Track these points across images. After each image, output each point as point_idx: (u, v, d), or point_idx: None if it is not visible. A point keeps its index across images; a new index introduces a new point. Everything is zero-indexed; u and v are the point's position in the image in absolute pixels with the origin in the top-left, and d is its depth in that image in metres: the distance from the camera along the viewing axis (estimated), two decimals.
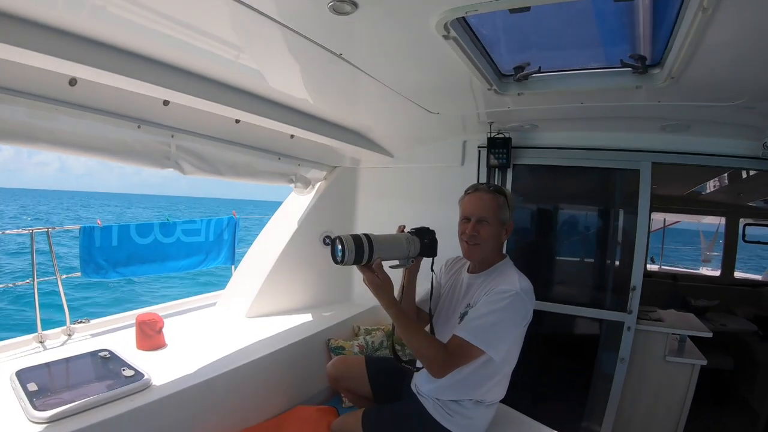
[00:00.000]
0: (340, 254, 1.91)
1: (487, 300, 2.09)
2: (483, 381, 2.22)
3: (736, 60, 2.05)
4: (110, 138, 2.46)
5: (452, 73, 2.39)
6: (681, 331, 3.80)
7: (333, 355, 3.51)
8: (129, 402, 2.21)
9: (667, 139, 3.50)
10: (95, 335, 3.24)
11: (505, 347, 2.07)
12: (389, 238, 2.12)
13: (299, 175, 3.92)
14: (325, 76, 2.54)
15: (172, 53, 2.10)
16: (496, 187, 2.31)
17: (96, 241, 3.70)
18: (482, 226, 2.21)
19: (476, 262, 2.33)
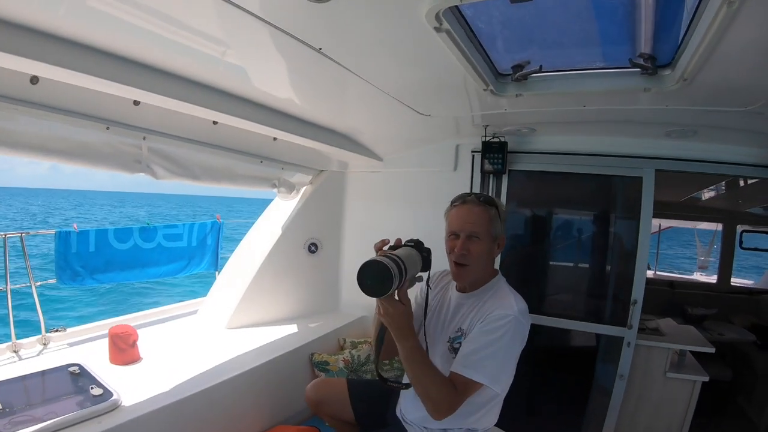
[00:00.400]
0: (388, 288, 1.62)
1: (484, 329, 1.89)
2: (476, 409, 2.04)
3: (759, 62, 1.87)
4: (76, 140, 2.30)
5: (445, 71, 2.22)
6: (683, 347, 3.67)
7: (316, 370, 3.37)
8: (96, 424, 2.07)
9: (671, 146, 3.34)
10: (73, 344, 3.12)
11: (509, 378, 1.91)
12: (410, 257, 1.83)
13: (283, 180, 3.76)
14: (306, 74, 2.38)
15: (142, 50, 1.93)
16: (487, 198, 2.10)
17: (72, 247, 3.60)
18: (473, 243, 1.99)
19: (467, 282, 2.12)
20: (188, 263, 4.55)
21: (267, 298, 3.91)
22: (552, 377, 4.28)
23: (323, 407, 2.56)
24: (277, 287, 3.97)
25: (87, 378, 2.48)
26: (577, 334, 3.90)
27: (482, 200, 2.06)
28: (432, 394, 1.80)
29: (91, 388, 2.32)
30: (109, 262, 3.87)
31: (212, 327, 3.69)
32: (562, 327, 3.72)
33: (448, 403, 1.79)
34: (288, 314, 4.02)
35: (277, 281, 3.95)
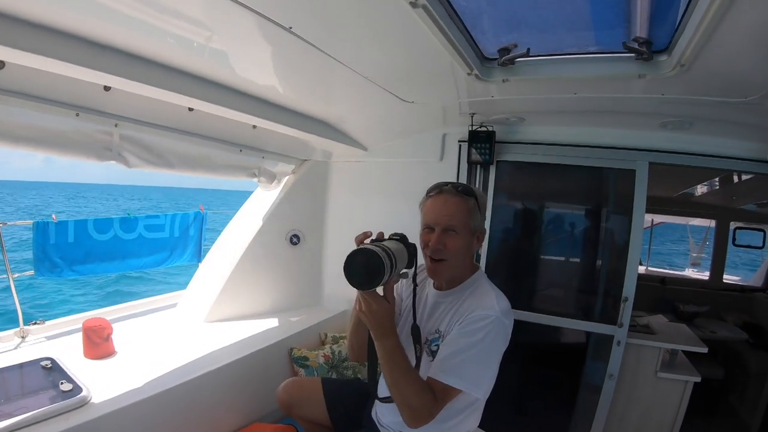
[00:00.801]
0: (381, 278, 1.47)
1: (463, 331, 1.75)
2: (455, 414, 1.90)
3: (760, 49, 1.76)
4: (43, 127, 2.20)
5: (426, 53, 2.10)
6: (675, 346, 3.58)
7: (296, 366, 3.26)
8: (63, 421, 1.98)
9: (666, 138, 3.23)
10: (50, 338, 3.03)
11: (490, 382, 1.77)
12: (397, 250, 1.67)
13: (263, 169, 3.64)
14: (282, 57, 2.28)
15: (111, 33, 1.83)
16: (465, 188, 1.91)
17: (51, 238, 3.50)
18: (449, 237, 1.83)
19: (445, 280, 1.97)
20: (170, 254, 4.47)
21: (247, 290, 3.81)
22: (540, 375, 4.21)
23: (295, 410, 2.43)
24: (258, 280, 3.87)
25: (58, 373, 2.39)
26: (567, 330, 3.81)
27: (460, 190, 1.88)
28: (411, 401, 1.66)
29: (61, 384, 2.23)
30: (89, 254, 3.77)
31: (190, 320, 3.59)
32: (551, 324, 3.63)
33: (427, 410, 1.66)
34: (268, 308, 3.92)
35: (257, 274, 3.85)
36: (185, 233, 4.55)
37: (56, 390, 2.19)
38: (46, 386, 2.25)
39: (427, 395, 1.65)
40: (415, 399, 1.65)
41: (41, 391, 2.19)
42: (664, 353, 3.55)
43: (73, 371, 2.39)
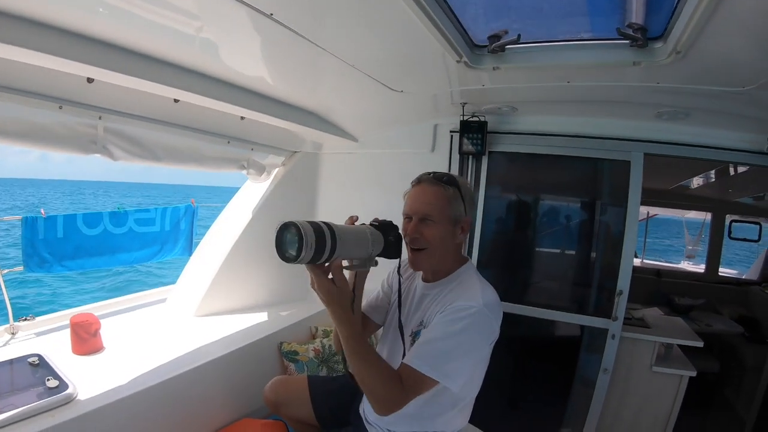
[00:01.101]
0: (295, 249, 1.39)
1: (442, 319, 1.69)
2: (442, 411, 1.87)
3: (757, 35, 1.72)
4: (26, 121, 2.16)
5: (412, 40, 2.05)
6: (671, 340, 3.53)
7: (285, 360, 3.22)
8: (49, 418, 1.95)
9: (662, 128, 3.18)
10: (40, 334, 2.99)
11: (466, 376, 1.69)
12: (354, 233, 1.65)
13: (252, 161, 3.59)
14: (263, 45, 2.21)
15: (93, 24, 1.79)
16: (446, 177, 1.87)
17: (39, 233, 3.45)
18: (426, 226, 1.80)
19: (426, 271, 1.95)
20: (161, 249, 4.43)
21: (237, 284, 3.76)
22: (534, 369, 4.19)
23: (282, 409, 2.41)
24: (248, 273, 3.83)
25: (45, 369, 2.35)
26: (561, 324, 3.75)
27: (438, 179, 1.86)
28: (375, 390, 1.59)
29: (47, 380, 2.18)
30: (78, 248, 3.73)
31: (180, 315, 3.55)
32: (544, 318, 3.58)
33: (394, 399, 1.59)
34: (258, 301, 3.88)
35: (247, 267, 3.80)
36: (176, 227, 4.51)
37: (43, 387, 2.15)
38: (33, 383, 2.21)
39: (393, 384, 1.59)
40: (379, 388, 1.59)
41: (28, 388, 2.15)
42: (660, 347, 3.51)
43: (60, 367, 2.35)
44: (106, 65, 1.91)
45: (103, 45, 1.90)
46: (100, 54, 1.88)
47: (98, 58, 1.87)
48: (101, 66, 1.89)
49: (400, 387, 1.58)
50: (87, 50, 1.83)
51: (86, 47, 1.83)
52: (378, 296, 2.16)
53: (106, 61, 1.91)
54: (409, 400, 1.61)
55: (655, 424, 3.49)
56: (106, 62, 1.91)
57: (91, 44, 1.85)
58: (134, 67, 2.03)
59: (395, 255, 1.81)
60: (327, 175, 4.27)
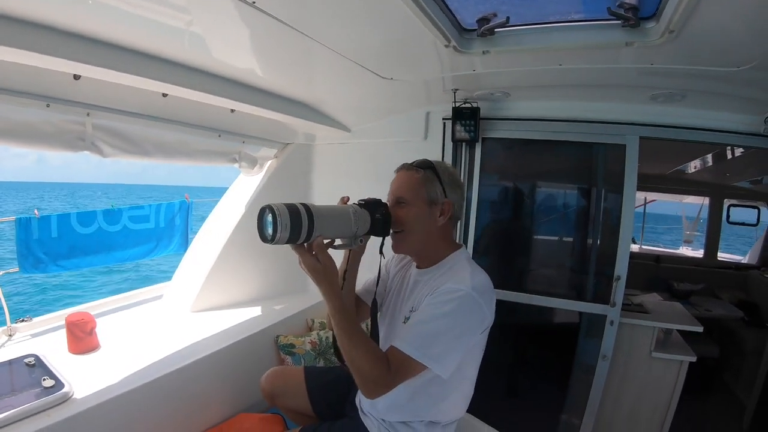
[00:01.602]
0: (271, 229, 1.46)
1: (430, 302, 1.70)
2: (436, 401, 1.87)
3: (753, 12, 1.68)
4: (12, 119, 2.16)
5: (399, 26, 2.02)
6: (669, 325, 3.52)
7: (282, 354, 3.22)
8: (45, 418, 1.95)
9: (657, 111, 3.14)
10: (36, 335, 2.98)
11: (455, 361, 1.66)
12: (333, 211, 1.69)
13: (244, 154, 3.58)
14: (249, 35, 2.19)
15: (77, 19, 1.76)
16: (422, 161, 1.93)
17: (34, 233, 3.44)
18: (401, 208, 1.85)
19: (413, 255, 2.00)
20: (156, 245, 4.40)
21: (232, 279, 3.76)
22: (533, 356, 4.20)
23: (279, 399, 2.43)
24: (243, 267, 3.82)
25: (41, 369, 2.35)
26: (559, 311, 3.74)
27: (413, 164, 1.92)
28: (361, 368, 1.58)
29: (44, 380, 2.19)
30: (73, 248, 3.72)
31: (176, 311, 3.55)
32: (542, 305, 3.56)
33: (381, 380, 1.58)
34: (254, 295, 3.88)
35: (242, 261, 3.79)
36: (171, 223, 4.49)
37: (39, 387, 2.15)
38: (30, 383, 2.21)
39: (379, 364, 1.58)
40: (365, 366, 1.58)
41: (25, 389, 2.15)
42: (659, 332, 3.50)
43: (56, 367, 2.35)
44: (92, 61, 1.89)
45: (89, 41, 1.88)
46: (85, 50, 1.86)
47: (84, 54, 1.85)
48: (87, 62, 1.87)
49: (387, 369, 1.57)
50: (72, 47, 1.81)
51: (71, 44, 1.81)
52: (370, 280, 2.17)
53: (92, 58, 1.89)
54: (396, 383, 1.61)
55: (655, 410, 3.49)
56: (92, 58, 1.88)
57: (77, 41, 1.83)
58: (121, 62, 2.01)
59: (384, 233, 1.83)
60: (321, 166, 4.26)
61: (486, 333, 1.80)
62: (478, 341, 1.78)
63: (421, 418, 1.89)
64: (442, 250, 1.91)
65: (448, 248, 1.92)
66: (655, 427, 3.49)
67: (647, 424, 3.52)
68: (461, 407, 1.96)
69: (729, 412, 4.53)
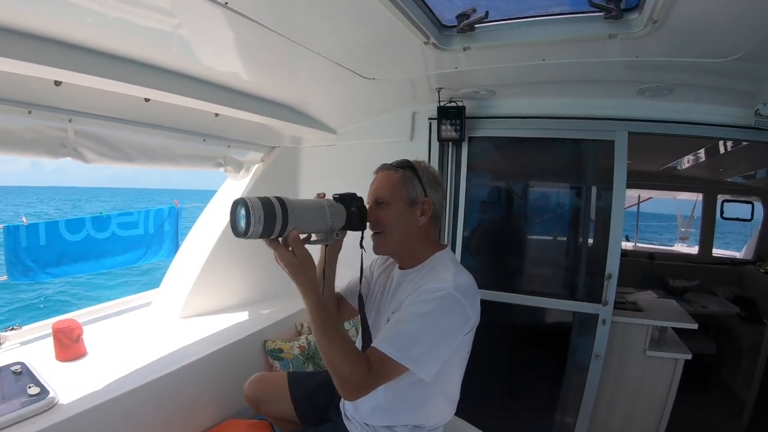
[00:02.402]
0: (244, 223, 1.43)
1: (411, 302, 1.67)
2: (420, 405, 1.84)
3: None
4: None
5: (376, 24, 2.01)
6: (663, 323, 3.49)
7: (270, 359, 3.20)
8: (30, 425, 1.95)
9: (645, 106, 3.12)
10: (25, 343, 2.95)
11: (437, 363, 1.64)
12: (309, 205, 1.67)
13: (229, 158, 3.56)
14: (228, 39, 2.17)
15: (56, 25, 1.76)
16: (401, 161, 1.93)
17: (22, 241, 3.50)
18: (381, 209, 1.84)
19: (394, 256, 1.99)
20: (146, 251, 4.48)
21: (221, 284, 3.73)
22: (527, 356, 4.18)
23: (262, 406, 2.42)
24: (231, 272, 3.80)
25: (27, 377, 2.33)
26: (552, 310, 3.71)
27: (392, 164, 1.93)
28: (337, 366, 1.55)
29: (29, 387, 2.17)
30: (62, 255, 3.77)
31: (165, 317, 3.52)
32: (532, 305, 3.54)
33: (358, 381, 1.54)
34: (243, 300, 3.86)
35: (230, 266, 3.77)
36: (160, 229, 4.55)
37: (24, 394, 2.13)
38: (16, 391, 2.18)
39: (357, 364, 1.54)
40: (343, 366, 1.54)
41: (11, 397, 2.12)
42: (653, 330, 3.47)
43: (42, 374, 2.34)
44: (73, 67, 1.88)
45: (69, 47, 1.87)
46: (66, 56, 1.85)
47: (64, 60, 1.85)
48: (68, 68, 1.87)
49: (367, 369, 1.54)
50: (52, 53, 1.80)
51: (52, 50, 1.80)
52: (359, 282, 2.13)
53: (73, 64, 1.88)
54: (376, 384, 1.58)
55: (651, 409, 3.46)
56: (72, 64, 1.88)
57: (57, 47, 1.83)
58: (102, 67, 1.99)
59: (360, 227, 1.83)
60: (308, 168, 4.26)
61: (471, 334, 1.77)
62: (462, 343, 1.74)
63: (405, 423, 1.86)
64: (424, 251, 1.89)
65: (431, 248, 1.90)
66: (651, 426, 3.45)
67: (643, 423, 3.48)
68: (447, 411, 1.93)
69: (728, 409, 4.51)
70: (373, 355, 1.58)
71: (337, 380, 1.56)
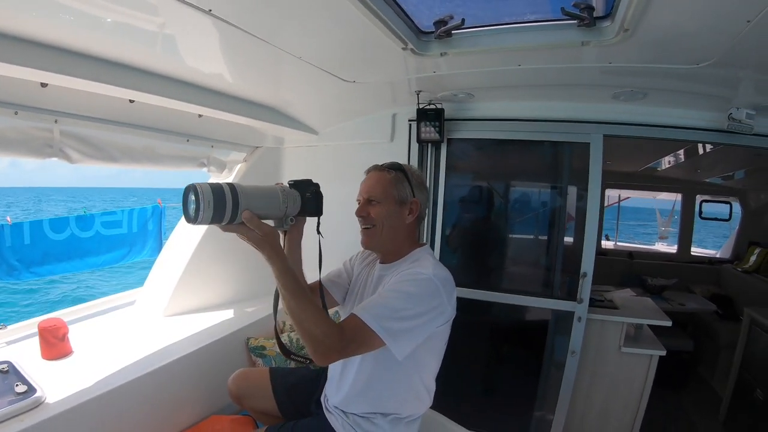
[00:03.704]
0: (194, 208, 1.43)
1: (395, 281, 1.78)
2: (394, 391, 1.92)
3: (704, 6, 1.71)
4: None
5: (355, 30, 2.06)
6: (637, 320, 3.58)
7: (253, 356, 3.27)
8: (18, 423, 1.96)
9: (620, 109, 3.19)
10: (10, 342, 2.94)
11: (410, 343, 1.69)
12: (261, 191, 1.67)
13: (213, 158, 3.58)
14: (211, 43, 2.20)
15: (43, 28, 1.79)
16: (392, 164, 2.05)
17: (6, 241, 3.50)
18: (372, 206, 1.96)
19: (379, 251, 2.06)
20: (129, 250, 4.49)
21: (204, 282, 3.76)
22: (505, 354, 4.22)
23: (246, 401, 2.47)
24: (215, 271, 3.82)
25: (14, 375, 2.34)
26: (530, 309, 3.77)
27: (383, 166, 2.05)
28: (309, 328, 1.57)
29: (16, 386, 2.18)
30: (47, 254, 3.79)
31: (149, 316, 3.54)
32: (509, 303, 3.61)
33: (330, 343, 1.56)
34: (226, 298, 3.90)
35: (213, 265, 3.80)
36: (143, 228, 4.56)
37: (11, 393, 2.15)
38: (2, 390, 2.19)
39: (328, 325, 1.58)
40: (314, 328, 1.57)
41: None
42: (629, 327, 3.55)
43: (28, 373, 2.35)
44: (59, 70, 1.91)
45: (55, 50, 1.90)
46: (51, 59, 1.88)
47: (50, 63, 1.88)
48: (54, 71, 1.90)
49: (339, 332, 1.58)
50: (39, 56, 1.83)
51: (38, 53, 1.83)
52: (340, 273, 2.24)
53: (59, 66, 1.91)
54: (347, 348, 1.62)
55: (626, 405, 3.54)
56: (58, 67, 1.91)
57: (43, 49, 1.86)
58: (87, 70, 2.03)
59: (315, 212, 1.86)
60: (290, 168, 4.28)
61: (447, 326, 1.85)
62: (437, 333, 1.81)
63: (381, 411, 1.92)
64: (407, 247, 2.00)
65: (413, 245, 2.01)
66: (628, 420, 3.54)
67: (619, 417, 3.57)
68: (423, 401, 1.99)
69: (705, 405, 4.60)
70: (350, 321, 1.63)
71: (309, 343, 1.58)
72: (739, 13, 1.68)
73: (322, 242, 1.91)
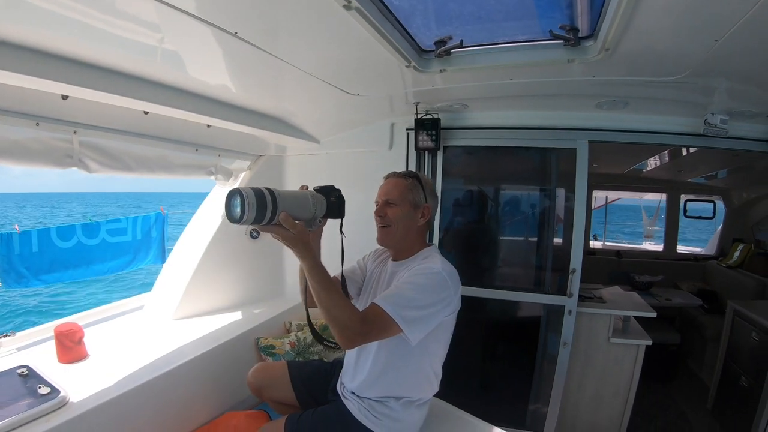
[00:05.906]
0: (239, 210, 1.56)
1: (408, 274, 2.00)
2: (406, 376, 2.12)
3: (676, 29, 1.89)
4: (3, 138, 2.23)
5: (365, 49, 2.19)
6: (624, 312, 3.75)
7: (263, 354, 3.38)
8: (45, 422, 2.05)
9: (604, 117, 3.39)
10: (21, 348, 3.00)
11: (423, 330, 1.91)
12: (294, 195, 1.83)
13: (220, 167, 3.69)
14: (229, 59, 2.31)
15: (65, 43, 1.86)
16: (408, 172, 2.27)
17: (15, 249, 3.51)
18: (390, 207, 2.16)
19: (393, 248, 2.25)
20: (134, 257, 4.49)
21: (212, 286, 3.85)
22: (501, 349, 4.33)
23: (265, 392, 2.62)
24: (222, 275, 3.92)
25: (35, 378, 2.41)
26: (524, 305, 3.94)
27: (401, 173, 2.25)
28: (336, 315, 1.76)
29: (39, 388, 2.26)
30: (54, 262, 3.79)
31: (159, 319, 3.62)
32: (504, 299, 3.79)
33: (354, 327, 1.76)
34: (234, 301, 3.99)
35: (220, 269, 3.90)
36: (147, 235, 4.57)
37: (35, 395, 2.21)
38: (25, 392, 2.26)
39: (352, 312, 1.78)
40: (341, 315, 1.75)
41: (21, 398, 2.21)
42: (616, 320, 3.73)
43: (48, 375, 2.42)
44: (79, 82, 1.99)
45: (76, 63, 1.98)
46: (73, 72, 1.96)
47: (71, 76, 1.96)
48: (74, 83, 1.98)
49: (361, 317, 1.78)
50: (60, 69, 1.91)
51: (60, 66, 1.91)
52: (354, 270, 2.43)
53: (79, 79, 1.99)
54: (369, 333, 1.83)
55: (617, 392, 3.72)
56: (79, 80, 1.99)
57: (65, 63, 1.93)
58: (106, 83, 2.11)
59: (339, 215, 2.02)
60: (292, 176, 4.38)
61: (453, 317, 2.08)
62: (445, 323, 2.04)
63: (394, 395, 2.12)
64: (417, 246, 2.21)
65: (423, 245, 2.23)
66: (619, 407, 3.72)
67: (611, 404, 3.75)
68: (432, 385, 2.20)
69: (693, 394, 4.76)
70: (372, 309, 1.83)
71: (336, 329, 1.77)
72: (708, 33, 1.86)
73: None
